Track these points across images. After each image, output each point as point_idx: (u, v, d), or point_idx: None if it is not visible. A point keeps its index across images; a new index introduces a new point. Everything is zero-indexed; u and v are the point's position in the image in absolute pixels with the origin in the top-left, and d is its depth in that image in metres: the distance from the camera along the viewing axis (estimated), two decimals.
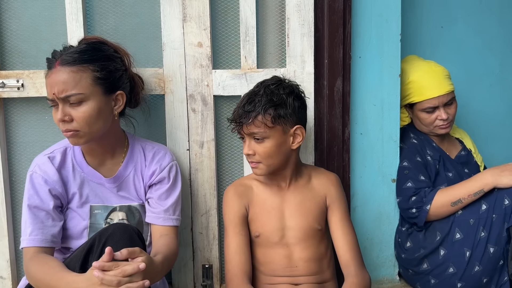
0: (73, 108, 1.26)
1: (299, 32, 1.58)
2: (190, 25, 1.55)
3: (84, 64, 1.27)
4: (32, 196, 1.32)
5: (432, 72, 1.73)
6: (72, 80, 1.24)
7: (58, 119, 1.26)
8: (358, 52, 1.67)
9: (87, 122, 1.27)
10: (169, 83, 1.57)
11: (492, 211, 1.52)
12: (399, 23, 1.67)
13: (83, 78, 1.26)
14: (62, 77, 1.24)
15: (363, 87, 1.69)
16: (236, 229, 1.41)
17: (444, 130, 1.74)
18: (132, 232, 1.17)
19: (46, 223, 1.30)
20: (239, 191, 1.46)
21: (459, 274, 1.57)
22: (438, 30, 2.12)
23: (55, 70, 1.26)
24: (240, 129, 1.38)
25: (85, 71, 1.26)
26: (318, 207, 1.45)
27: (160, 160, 1.44)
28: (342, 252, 1.40)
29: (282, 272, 1.39)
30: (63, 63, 1.26)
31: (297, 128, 1.39)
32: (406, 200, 1.68)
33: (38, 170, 1.33)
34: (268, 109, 1.33)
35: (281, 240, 1.41)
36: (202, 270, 1.66)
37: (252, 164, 1.39)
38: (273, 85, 1.38)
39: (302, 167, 1.50)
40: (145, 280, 1.08)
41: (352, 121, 1.69)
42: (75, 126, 1.26)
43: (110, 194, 1.40)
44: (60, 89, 1.24)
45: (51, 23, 1.57)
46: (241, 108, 1.37)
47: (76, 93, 1.25)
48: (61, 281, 1.13)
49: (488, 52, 2.18)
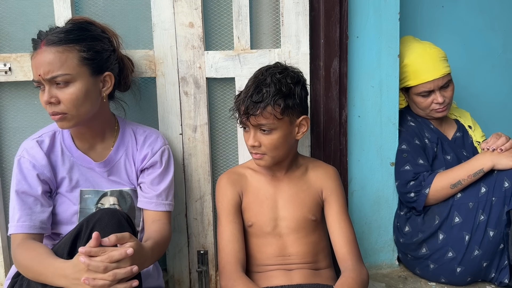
0: (59, 90, 1.23)
1: (294, 10, 1.53)
2: (181, 4, 1.50)
3: (70, 44, 1.23)
4: (20, 181, 1.29)
5: (426, 55, 1.68)
6: (58, 60, 1.21)
7: (44, 101, 1.23)
8: (356, 31, 1.62)
9: (74, 104, 1.23)
10: (160, 65, 1.53)
11: (492, 194, 1.49)
12: (397, 2, 1.63)
13: (69, 58, 1.22)
14: (48, 58, 1.21)
15: (361, 68, 1.64)
16: (229, 217, 1.37)
17: (440, 114, 1.71)
18: (120, 217, 1.14)
19: (35, 209, 1.27)
20: (232, 179, 1.42)
21: (458, 258, 1.54)
22: (438, 9, 2.07)
23: (41, 50, 1.22)
24: (246, 120, 1.32)
25: (71, 51, 1.23)
26: (313, 199, 1.41)
27: (151, 144, 1.41)
28: (339, 246, 1.36)
29: (275, 261, 1.37)
30: (48, 43, 1.22)
31: (303, 119, 1.34)
32: (404, 184, 1.65)
33: (26, 154, 1.30)
34: (277, 100, 1.28)
35: (274, 230, 1.38)
36: (197, 256, 1.64)
37: (256, 155, 1.34)
38: (280, 74, 1.31)
39: (299, 157, 1.46)
40: (133, 265, 1.05)
41: (350, 103, 1.65)
42: (62, 108, 1.23)
43: (100, 178, 1.37)
44: (45, 69, 1.21)
45: (38, 5, 1.52)
46: (249, 98, 1.30)
47: (63, 74, 1.21)
48: (47, 268, 1.11)
49: (490, 32, 2.13)
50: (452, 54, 1.76)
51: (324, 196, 1.42)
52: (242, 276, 1.29)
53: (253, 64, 1.54)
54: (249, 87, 1.33)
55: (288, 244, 1.37)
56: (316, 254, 1.39)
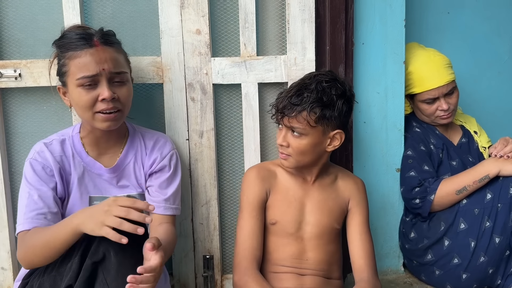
0: (116, 88, 1.29)
1: (300, 17, 1.54)
2: (188, 11, 1.52)
3: (120, 48, 1.35)
4: (35, 182, 1.29)
5: (431, 62, 1.68)
6: (120, 59, 1.31)
7: (107, 95, 1.25)
8: (361, 38, 1.63)
9: (128, 102, 1.33)
10: (167, 71, 1.55)
11: (497, 200, 1.49)
12: (403, 8, 1.63)
13: (121, 58, 1.32)
14: (111, 55, 1.28)
15: (366, 74, 1.65)
16: (253, 212, 1.36)
17: (445, 120, 1.71)
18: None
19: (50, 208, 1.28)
20: (262, 174, 1.40)
21: (464, 265, 1.54)
22: (444, 15, 2.08)
23: (99, 48, 1.27)
24: (280, 119, 1.33)
25: (121, 52, 1.34)
26: (340, 208, 1.41)
27: (161, 148, 1.43)
28: (357, 257, 1.36)
29: (290, 263, 1.37)
30: (106, 43, 1.29)
31: (338, 133, 1.33)
32: (409, 190, 1.65)
33: (38, 157, 1.32)
34: (315, 107, 1.28)
35: (297, 232, 1.37)
36: (203, 261, 1.65)
37: (282, 155, 1.35)
38: (326, 83, 1.30)
39: (330, 166, 1.46)
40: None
41: (355, 109, 1.65)
42: (119, 105, 1.30)
43: (109, 185, 1.38)
44: (112, 65, 1.27)
45: (47, 12, 1.54)
46: (287, 99, 1.30)
47: (124, 71, 1.31)
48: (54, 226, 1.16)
49: (496, 38, 2.13)
50: (457, 60, 1.76)
51: (350, 206, 1.42)
52: (257, 273, 1.28)
53: (259, 70, 1.56)
54: (292, 87, 1.34)
55: (308, 248, 1.38)
56: (331, 264, 1.39)
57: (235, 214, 1.69)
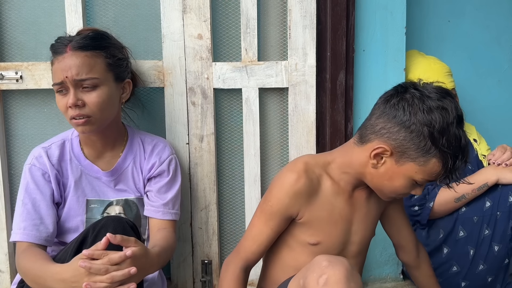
0: (85, 93, 1.26)
1: (301, 24, 1.55)
2: (190, 16, 1.53)
3: (97, 50, 1.28)
4: (32, 189, 1.30)
5: (431, 70, 1.69)
6: (87, 64, 1.25)
7: (70, 103, 1.24)
8: (362, 45, 1.63)
9: (100, 108, 1.26)
10: (168, 75, 1.55)
11: (497, 208, 1.49)
12: (404, 16, 1.64)
13: (97, 63, 1.27)
14: (77, 61, 1.24)
15: (367, 81, 1.65)
16: (270, 222, 1.17)
17: None
18: (125, 224, 1.15)
19: (44, 220, 1.29)
20: (306, 186, 1.14)
21: (463, 273, 1.54)
22: (445, 24, 2.08)
23: (68, 54, 1.25)
24: None
25: (98, 56, 1.28)
26: (380, 212, 1.28)
27: (159, 152, 1.42)
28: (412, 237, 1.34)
29: None
30: (75, 47, 1.26)
31: None
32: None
33: (37, 163, 1.32)
34: None
35: (340, 253, 1.20)
36: (201, 265, 1.64)
37: None
38: None
39: None
40: (131, 267, 1.06)
41: (355, 115, 1.65)
42: (87, 111, 1.26)
43: (107, 188, 1.38)
44: (74, 72, 1.24)
45: (50, 14, 1.55)
46: (463, 163, 1.10)
47: (92, 77, 1.25)
48: (46, 271, 1.13)
49: (496, 47, 2.14)
50: (458, 69, 1.76)
51: None
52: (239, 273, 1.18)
53: (260, 75, 1.56)
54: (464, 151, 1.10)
55: None
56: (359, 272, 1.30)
57: (234, 219, 1.69)
